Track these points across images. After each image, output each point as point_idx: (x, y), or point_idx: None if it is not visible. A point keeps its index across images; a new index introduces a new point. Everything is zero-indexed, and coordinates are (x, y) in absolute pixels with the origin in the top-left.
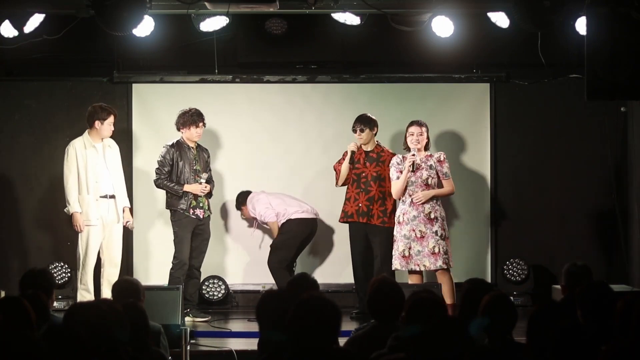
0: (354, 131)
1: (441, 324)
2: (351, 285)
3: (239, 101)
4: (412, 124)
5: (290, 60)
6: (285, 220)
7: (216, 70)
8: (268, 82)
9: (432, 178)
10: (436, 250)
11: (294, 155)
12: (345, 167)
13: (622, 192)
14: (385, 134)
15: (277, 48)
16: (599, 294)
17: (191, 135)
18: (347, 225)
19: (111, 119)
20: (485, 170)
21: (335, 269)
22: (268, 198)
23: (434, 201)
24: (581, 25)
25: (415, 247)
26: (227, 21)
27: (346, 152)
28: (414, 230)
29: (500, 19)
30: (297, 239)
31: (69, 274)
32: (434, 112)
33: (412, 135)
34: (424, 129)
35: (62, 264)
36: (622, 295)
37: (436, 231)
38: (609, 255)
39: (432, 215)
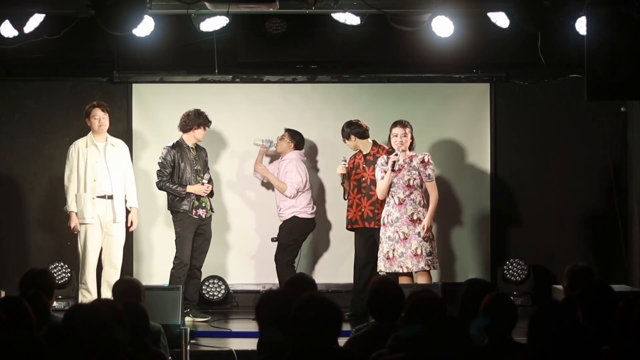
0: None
1: (441, 324)
2: (351, 285)
3: (239, 101)
4: (395, 124)
5: (290, 60)
6: (290, 217)
7: (216, 70)
8: (268, 82)
9: (414, 179)
10: (419, 251)
11: None
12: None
13: (622, 192)
14: (384, 135)
15: (277, 48)
16: (599, 294)
17: (199, 135)
18: (346, 226)
19: (96, 112)
20: (485, 170)
21: (335, 269)
22: (303, 178)
23: (417, 202)
24: (581, 25)
25: (399, 249)
26: (227, 21)
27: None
28: (397, 232)
29: (500, 19)
30: (301, 238)
31: (69, 274)
32: (434, 112)
33: (396, 136)
34: (407, 129)
35: (62, 264)
36: (623, 295)
37: (419, 232)
38: (609, 255)
39: (415, 217)
